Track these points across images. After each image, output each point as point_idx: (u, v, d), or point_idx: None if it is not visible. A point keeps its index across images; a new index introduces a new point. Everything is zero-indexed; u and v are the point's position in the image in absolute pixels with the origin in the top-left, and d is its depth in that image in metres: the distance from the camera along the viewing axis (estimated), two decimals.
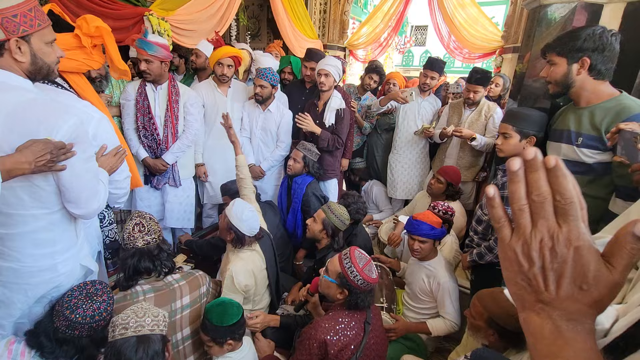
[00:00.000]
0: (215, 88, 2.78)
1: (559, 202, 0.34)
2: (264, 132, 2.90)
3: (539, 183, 0.34)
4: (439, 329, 1.91)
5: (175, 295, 1.47)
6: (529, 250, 0.36)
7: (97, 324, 1.20)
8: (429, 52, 11.00)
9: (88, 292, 1.24)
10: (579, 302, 0.35)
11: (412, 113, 3.13)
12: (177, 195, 2.62)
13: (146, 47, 2.25)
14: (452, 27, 5.00)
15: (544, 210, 0.35)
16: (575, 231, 0.34)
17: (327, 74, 2.65)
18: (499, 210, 0.38)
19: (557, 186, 0.34)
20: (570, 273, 0.35)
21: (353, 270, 1.42)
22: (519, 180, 0.36)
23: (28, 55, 1.11)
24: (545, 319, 0.36)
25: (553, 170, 0.34)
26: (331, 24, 5.32)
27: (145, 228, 1.46)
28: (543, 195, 0.34)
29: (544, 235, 0.35)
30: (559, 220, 0.35)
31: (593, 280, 0.34)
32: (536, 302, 0.37)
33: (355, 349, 1.40)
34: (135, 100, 2.37)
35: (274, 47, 3.94)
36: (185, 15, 2.95)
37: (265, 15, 5.20)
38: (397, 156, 3.26)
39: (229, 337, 1.43)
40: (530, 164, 0.35)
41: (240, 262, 1.79)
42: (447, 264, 2.02)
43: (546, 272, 0.36)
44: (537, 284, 0.36)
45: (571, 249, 0.34)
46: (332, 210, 2.04)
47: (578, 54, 1.44)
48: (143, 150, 2.44)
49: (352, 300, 1.44)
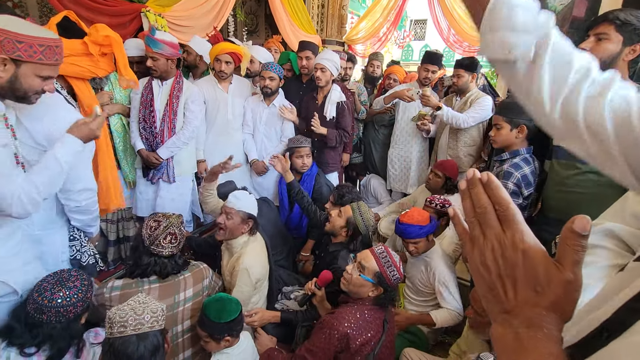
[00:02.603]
0: (216, 84, 2.77)
1: (499, 210, 0.37)
2: (267, 127, 2.90)
3: (478, 197, 0.38)
4: (443, 319, 1.88)
5: (179, 287, 1.48)
6: (485, 259, 0.38)
7: (64, 310, 1.19)
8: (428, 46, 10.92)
9: (60, 278, 1.25)
10: (537, 306, 0.35)
11: (412, 106, 3.12)
12: (169, 192, 2.62)
13: (152, 45, 2.28)
14: (451, 20, 4.98)
15: (488, 219, 0.38)
16: (518, 234, 0.36)
17: (323, 68, 2.64)
18: (459, 227, 0.41)
19: (494, 197, 0.37)
20: (522, 276, 0.36)
21: (393, 270, 1.44)
22: (466, 197, 0.40)
23: (9, 74, 1.13)
24: (507, 328, 0.37)
25: (487, 184, 0.38)
26: (329, 19, 5.28)
27: (177, 240, 1.46)
28: (483, 206, 0.38)
29: (493, 243, 0.37)
30: (504, 227, 0.37)
31: (545, 281, 0.35)
32: (500, 313, 0.38)
33: (374, 345, 1.41)
34: (141, 94, 2.43)
35: (273, 43, 3.92)
36: (182, 11, 2.93)
37: (263, 10, 5.16)
38: (397, 150, 3.26)
39: (226, 334, 1.41)
40: (470, 182, 0.39)
41: (251, 255, 1.82)
42: (444, 254, 2.02)
43: (503, 279, 0.37)
44: (498, 292, 0.37)
45: (519, 252, 0.36)
46: (361, 213, 1.99)
47: (637, 37, 1.35)
48: (140, 142, 2.46)
49: (385, 297, 1.46)
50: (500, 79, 3.75)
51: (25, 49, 1.11)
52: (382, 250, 1.49)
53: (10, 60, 1.11)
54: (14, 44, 1.10)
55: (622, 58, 1.40)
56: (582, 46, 1.45)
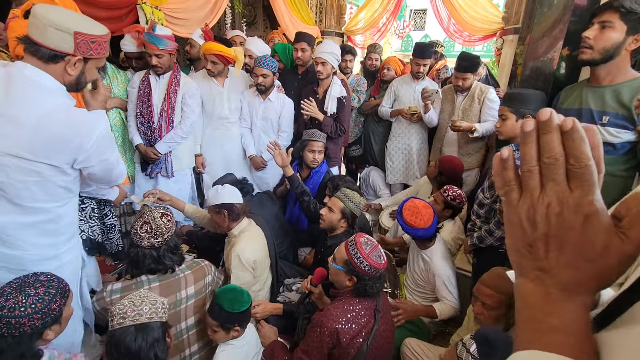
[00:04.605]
0: (212, 79, 2.75)
1: (573, 166, 0.31)
2: (264, 122, 2.88)
3: (551, 145, 0.32)
4: (445, 313, 1.92)
5: (180, 284, 1.48)
6: (534, 215, 0.34)
7: (16, 321, 0.98)
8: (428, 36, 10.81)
9: (23, 282, 1.07)
10: (580, 272, 0.33)
11: (407, 99, 3.12)
12: (168, 186, 2.61)
13: (157, 42, 2.25)
14: (451, 9, 4.89)
15: (554, 173, 0.32)
16: (587, 197, 0.31)
17: (324, 62, 2.61)
18: (511, 173, 0.35)
19: (573, 149, 0.31)
20: (575, 241, 0.32)
21: (359, 257, 1.42)
22: (531, 142, 0.33)
23: (78, 71, 1.22)
24: (539, 285, 0.34)
25: (569, 132, 0.31)
26: (328, 10, 5.22)
27: (152, 230, 1.42)
28: (555, 156, 0.32)
29: (552, 200, 0.33)
30: (572, 185, 0.32)
31: (601, 251, 0.32)
32: (533, 269, 0.35)
33: (366, 336, 1.41)
34: (138, 88, 2.40)
35: (276, 34, 3.85)
36: (178, 3, 2.89)
37: (261, 1, 5.09)
38: (395, 143, 3.26)
39: (237, 324, 1.44)
40: (544, 125, 0.32)
41: (243, 241, 1.84)
42: (444, 251, 2.00)
43: (549, 239, 0.33)
44: (537, 250, 0.34)
45: (580, 216, 0.32)
46: (349, 197, 1.99)
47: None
48: (138, 136, 2.46)
49: (361, 287, 1.44)
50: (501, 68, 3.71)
51: (95, 47, 1.21)
52: (352, 239, 1.49)
53: (80, 59, 1.20)
54: (88, 44, 1.18)
55: (625, 47, 1.38)
56: (585, 34, 1.43)
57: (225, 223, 1.88)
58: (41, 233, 1.24)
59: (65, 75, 1.20)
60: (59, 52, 1.14)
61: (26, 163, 1.11)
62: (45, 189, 1.18)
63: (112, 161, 1.31)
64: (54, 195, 1.22)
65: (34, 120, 1.08)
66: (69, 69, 1.19)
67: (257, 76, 2.64)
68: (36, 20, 1.11)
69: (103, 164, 1.27)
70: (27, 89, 1.11)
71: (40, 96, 1.12)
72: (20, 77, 1.11)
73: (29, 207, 1.18)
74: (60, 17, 1.13)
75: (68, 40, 1.14)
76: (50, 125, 1.11)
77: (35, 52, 1.13)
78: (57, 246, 1.29)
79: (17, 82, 1.10)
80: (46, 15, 1.10)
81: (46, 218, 1.23)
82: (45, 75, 1.15)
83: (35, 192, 1.17)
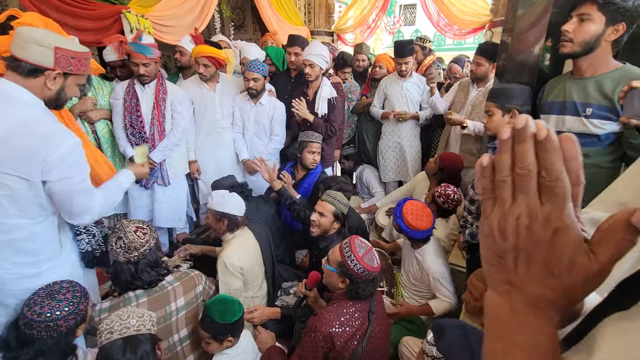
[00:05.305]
0: (203, 84, 2.74)
1: (544, 178, 0.31)
2: (256, 126, 2.88)
3: (525, 155, 0.31)
4: (441, 308, 1.92)
5: (169, 297, 1.47)
6: (505, 226, 0.33)
7: (54, 324, 1.15)
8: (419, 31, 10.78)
9: (51, 291, 1.21)
10: (546, 287, 0.32)
11: (395, 97, 3.12)
12: (165, 195, 2.62)
13: (145, 52, 2.25)
14: (440, 4, 4.90)
15: (526, 184, 0.32)
16: (557, 211, 0.31)
17: (312, 64, 2.61)
18: (487, 182, 0.35)
19: (545, 161, 0.31)
20: (543, 255, 0.32)
21: (353, 259, 1.43)
22: (505, 151, 0.33)
23: (58, 86, 1.26)
24: (506, 299, 0.34)
25: (543, 142, 0.31)
26: (317, 9, 5.21)
27: (125, 245, 1.38)
28: (527, 167, 0.31)
29: (522, 212, 0.32)
30: (542, 197, 0.31)
31: (567, 267, 0.31)
32: (502, 282, 0.34)
33: (360, 338, 1.41)
34: (124, 99, 2.37)
35: (269, 37, 3.83)
36: (164, 10, 2.88)
37: (249, 4, 5.07)
38: (385, 141, 3.28)
39: (229, 334, 1.43)
40: (518, 134, 0.32)
41: (230, 248, 1.85)
42: (437, 249, 1.99)
43: (518, 251, 0.33)
44: (507, 262, 0.34)
45: (549, 230, 0.31)
46: (337, 198, 2.00)
47: (619, 17, 1.33)
48: (130, 148, 2.43)
49: (353, 289, 1.44)
50: None
51: (75, 63, 1.26)
52: (347, 241, 1.50)
53: (60, 74, 1.24)
54: (68, 60, 1.24)
55: (605, 38, 1.38)
56: (564, 27, 1.43)
57: (222, 230, 1.89)
58: (19, 252, 1.25)
59: (45, 90, 1.23)
60: (39, 66, 1.19)
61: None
62: (17, 203, 1.19)
63: (74, 184, 1.26)
64: (26, 212, 1.22)
65: (3, 132, 1.12)
66: (49, 84, 1.23)
67: (248, 80, 2.65)
68: (19, 38, 1.18)
69: (64, 183, 1.23)
70: (2, 101, 1.15)
71: (13, 109, 1.15)
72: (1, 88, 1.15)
73: (2, 223, 1.19)
74: (41, 34, 1.20)
75: (48, 55, 1.19)
76: (21, 136, 1.14)
77: (16, 67, 1.18)
78: (38, 264, 1.29)
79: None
80: (29, 33, 1.19)
81: (22, 236, 1.23)
82: (23, 90, 1.19)
83: (7, 207, 1.18)
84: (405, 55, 2.94)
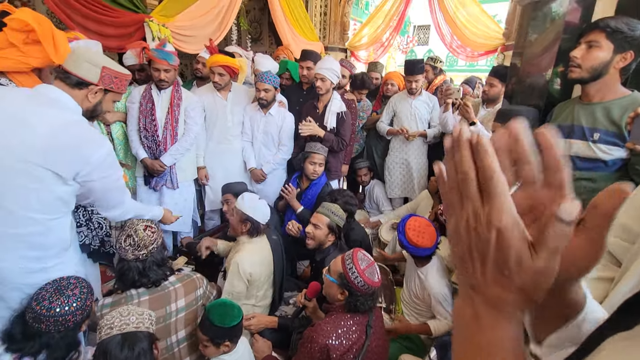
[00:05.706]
0: (216, 93, 2.82)
1: (479, 180, 0.32)
2: (265, 135, 2.93)
3: (461, 161, 0.33)
4: (440, 329, 1.89)
5: (170, 297, 1.48)
6: (459, 230, 0.34)
7: (63, 319, 1.18)
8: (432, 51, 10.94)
9: (59, 286, 1.24)
10: (502, 288, 0.32)
11: (405, 115, 3.15)
12: (174, 198, 2.65)
13: (168, 58, 2.37)
14: (453, 26, 4.99)
15: (466, 188, 0.33)
16: (495, 211, 0.31)
17: (323, 78, 2.67)
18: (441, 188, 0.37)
19: (478, 162, 0.32)
20: (492, 256, 0.32)
21: (354, 271, 1.42)
22: (449, 159, 0.35)
23: (97, 100, 1.43)
24: (467, 303, 0.35)
25: (474, 146, 0.32)
26: (332, 26, 5.34)
27: (135, 243, 1.44)
28: (464, 171, 0.33)
29: (469, 215, 0.33)
30: (483, 199, 0.32)
31: (514, 266, 0.31)
32: (466, 287, 0.35)
33: (357, 352, 1.40)
34: (139, 103, 2.46)
35: (282, 51, 3.93)
36: (186, 21, 3.00)
37: (267, 19, 5.23)
38: (393, 157, 3.29)
39: (227, 339, 1.43)
40: (455, 142, 0.33)
41: (246, 252, 1.86)
42: (440, 268, 1.97)
43: (472, 254, 0.34)
44: (467, 264, 0.34)
45: (493, 230, 0.31)
46: (332, 211, 2.01)
47: (627, 45, 1.35)
48: (143, 150, 2.50)
49: (352, 302, 1.44)
50: None
51: (116, 82, 1.45)
52: (349, 253, 1.50)
53: (101, 90, 1.42)
54: (111, 78, 1.43)
55: (613, 65, 1.40)
56: (573, 54, 1.45)
57: (241, 231, 1.92)
58: (29, 246, 1.28)
59: (85, 101, 1.39)
60: (85, 80, 1.37)
61: (33, 168, 1.20)
62: (41, 198, 1.25)
63: (112, 181, 1.42)
64: (47, 207, 1.27)
65: (48, 130, 1.21)
66: (90, 97, 1.40)
67: (260, 90, 2.72)
68: (74, 55, 1.39)
69: (104, 181, 1.38)
70: (51, 102, 1.30)
71: (54, 111, 1.28)
72: (46, 93, 1.31)
73: (19, 215, 1.23)
74: (94, 55, 1.41)
75: (96, 72, 1.38)
76: (65, 136, 1.25)
77: (65, 78, 1.36)
78: (45, 260, 1.33)
79: (42, 97, 1.29)
80: (84, 52, 1.39)
81: (37, 230, 1.27)
82: (67, 96, 1.34)
83: (31, 201, 1.23)
84: (416, 73, 2.98)
